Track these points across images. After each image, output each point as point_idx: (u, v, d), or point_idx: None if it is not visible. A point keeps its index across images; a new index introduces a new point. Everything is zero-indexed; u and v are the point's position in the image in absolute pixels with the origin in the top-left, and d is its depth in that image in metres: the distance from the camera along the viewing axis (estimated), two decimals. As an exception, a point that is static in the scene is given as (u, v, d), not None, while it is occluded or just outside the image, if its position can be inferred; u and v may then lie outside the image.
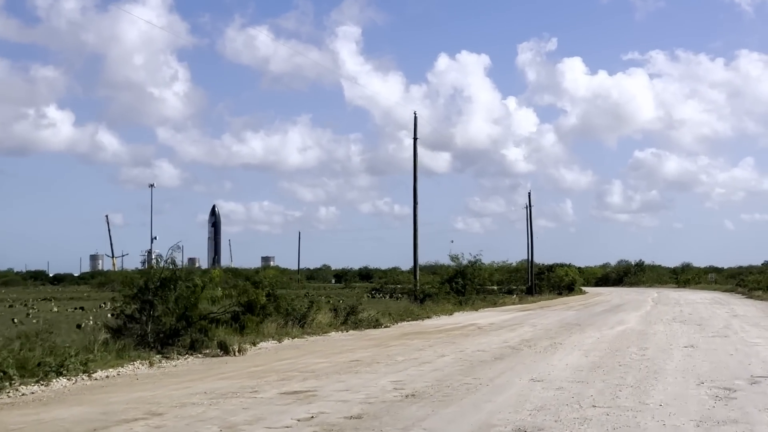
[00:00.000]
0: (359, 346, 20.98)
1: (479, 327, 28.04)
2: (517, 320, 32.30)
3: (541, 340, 21.98)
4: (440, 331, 26.07)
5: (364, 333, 26.03)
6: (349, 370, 15.44)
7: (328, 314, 28.09)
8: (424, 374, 14.58)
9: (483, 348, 19.69)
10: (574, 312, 39.51)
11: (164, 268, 19.83)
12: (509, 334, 24.61)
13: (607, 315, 36.06)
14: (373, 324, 28.55)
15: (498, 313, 39.00)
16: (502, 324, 29.76)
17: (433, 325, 29.60)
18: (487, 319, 33.18)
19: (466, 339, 22.67)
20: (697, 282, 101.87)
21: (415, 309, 38.54)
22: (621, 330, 26.20)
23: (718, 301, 54.20)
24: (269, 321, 24.65)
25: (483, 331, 25.82)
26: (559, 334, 24.52)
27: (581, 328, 26.90)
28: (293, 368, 15.86)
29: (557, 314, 37.21)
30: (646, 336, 23.71)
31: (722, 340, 22.56)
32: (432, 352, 18.86)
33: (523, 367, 15.59)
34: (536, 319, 32.67)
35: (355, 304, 29.13)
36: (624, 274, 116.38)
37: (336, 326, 27.37)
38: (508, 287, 77.92)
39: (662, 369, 15.52)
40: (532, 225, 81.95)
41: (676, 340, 22.39)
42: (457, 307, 43.89)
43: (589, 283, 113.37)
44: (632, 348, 19.83)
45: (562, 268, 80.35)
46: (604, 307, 45.10)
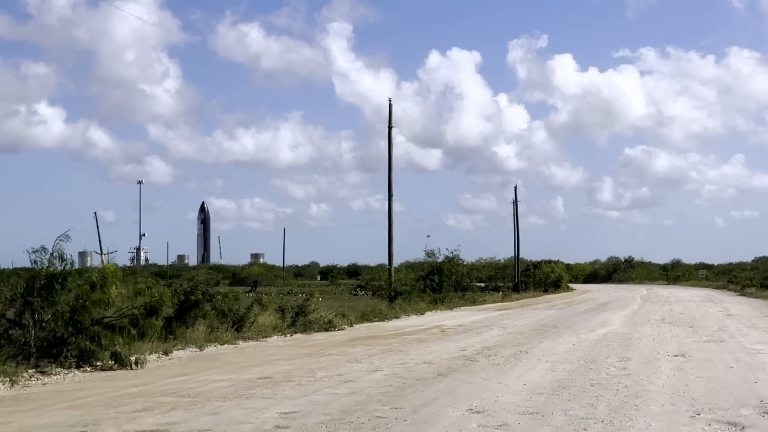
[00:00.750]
0: (288, 355, 17.38)
1: (443, 330, 24.47)
2: (489, 321, 28.74)
3: (505, 348, 18.41)
4: (396, 335, 22.49)
5: (308, 338, 22.43)
6: (243, 393, 11.84)
7: (273, 316, 24.50)
8: (333, 401, 10.98)
9: (431, 359, 16.10)
10: (555, 311, 35.96)
11: (47, 266, 16.24)
12: (472, 339, 21.04)
13: (590, 315, 32.52)
14: (324, 326, 24.98)
15: (472, 313, 35.45)
16: (471, 326, 26.20)
17: (394, 328, 26.02)
18: (458, 320, 29.62)
19: (419, 346, 19.08)
20: (687, 279, 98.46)
21: (384, 308, 34.98)
22: (602, 334, 22.65)
23: (710, 299, 50.73)
24: (199, 324, 21.12)
25: (444, 336, 22.24)
26: (530, 339, 20.96)
27: (557, 332, 23.35)
28: (177, 390, 12.26)
29: (536, 314, 33.67)
30: (630, 342, 20.17)
31: (718, 347, 19.04)
32: (367, 365, 15.26)
33: (467, 389, 11.99)
34: (511, 320, 29.12)
35: (304, 304, 25.51)
36: (613, 271, 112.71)
37: (281, 329, 23.80)
38: (494, 284, 74.72)
39: (645, 391, 11.96)
40: (518, 221, 78.55)
41: (665, 347, 18.86)
42: (432, 306, 40.35)
43: (578, 279, 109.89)
44: (611, 358, 16.27)
45: (548, 265, 76.83)
46: (589, 306, 41.57)
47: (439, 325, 26.55)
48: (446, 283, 45.23)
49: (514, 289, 70.06)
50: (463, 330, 24.43)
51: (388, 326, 27.02)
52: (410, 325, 27.42)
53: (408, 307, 37.67)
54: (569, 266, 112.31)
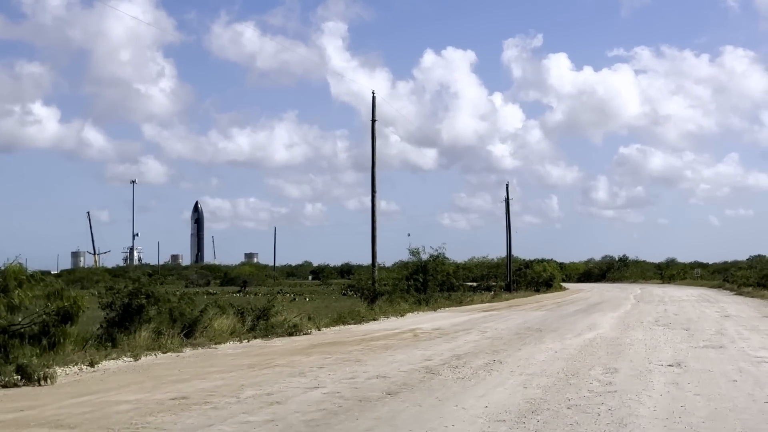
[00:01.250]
0: (229, 366, 15.06)
1: (416, 334, 22.17)
2: (469, 324, 26.43)
3: (477, 357, 16.11)
4: (362, 341, 20.18)
5: (266, 344, 20.11)
6: (138, 421, 9.52)
7: (231, 319, 22.19)
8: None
9: (388, 371, 13.80)
10: (543, 312, 33.68)
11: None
12: (444, 345, 18.73)
13: (579, 316, 30.24)
14: (289, 331, 22.69)
15: (455, 315, 33.15)
16: (448, 329, 23.92)
17: (365, 332, 23.72)
18: (437, 323, 27.33)
19: (381, 355, 16.76)
20: (682, 277, 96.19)
21: (363, 310, 32.70)
22: (589, 339, 20.37)
23: (706, 299, 48.46)
24: (143, 330, 18.83)
25: (414, 341, 19.95)
26: (509, 345, 18.67)
27: (540, 336, 21.07)
28: (62, 416, 9.96)
29: (522, 315, 31.39)
30: (620, 348, 17.89)
31: (718, 354, 16.78)
32: (310, 380, 12.95)
33: (413, 416, 9.68)
34: (493, 323, 26.82)
35: (267, 307, 23.17)
36: (607, 270, 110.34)
37: (240, 334, 21.52)
38: (486, 284, 72.49)
39: (633, 415, 9.68)
40: (510, 219, 76.31)
41: (658, 354, 16.59)
42: (415, 306, 38.07)
43: (571, 279, 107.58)
44: (596, 370, 13.99)
45: (540, 264, 74.53)
46: (579, 306, 39.30)
47: (414, 329, 24.27)
48: (431, 282, 42.94)
49: (506, 289, 67.91)
50: (439, 334, 22.13)
51: (360, 330, 24.72)
52: (384, 328, 25.12)
53: (389, 308, 35.41)
54: (562, 265, 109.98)
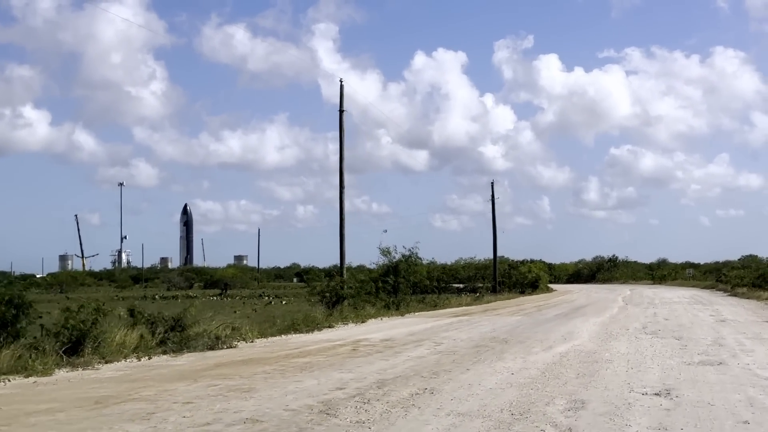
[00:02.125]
0: (70, 401, 11.13)
1: (356, 348, 18.26)
2: (429, 333, 22.56)
3: (408, 383, 12.23)
4: (285, 358, 16.25)
5: (167, 362, 16.18)
6: None
7: (137, 332, 18.29)
8: None
9: (271, 409, 9.88)
10: (519, 318, 29.82)
11: None
12: (376, 365, 14.82)
13: (557, 323, 26.39)
14: (209, 344, 18.81)
15: (422, 321, 29.27)
16: (400, 340, 20.05)
17: (300, 344, 19.81)
18: (394, 331, 23.47)
19: (287, 380, 12.80)
20: (673, 278, 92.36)
21: (319, 316, 28.84)
22: (561, 353, 16.51)
23: (699, 300, 44.65)
24: (6, 348, 14.99)
25: (346, 358, 16.03)
26: (458, 363, 14.79)
27: (502, 350, 17.19)
28: None
29: (494, 322, 27.52)
30: (596, 367, 14.04)
31: (718, 375, 12.99)
32: (145, 428, 9.09)
33: None
34: (456, 331, 22.95)
35: (181, 316, 19.26)
36: (597, 271, 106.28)
37: (148, 348, 17.70)
38: (472, 285, 68.91)
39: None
40: (496, 219, 72.47)
41: (642, 377, 12.77)
42: (383, 311, 34.22)
43: (560, 280, 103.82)
44: (556, 404, 10.13)
45: (525, 265, 70.68)
46: (562, 310, 35.44)
47: (360, 340, 20.40)
48: (403, 285, 39.04)
49: (492, 291, 64.25)
50: (384, 347, 18.26)
51: (298, 341, 20.82)
52: (328, 339, 21.22)
53: (351, 314, 31.55)
54: (551, 266, 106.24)
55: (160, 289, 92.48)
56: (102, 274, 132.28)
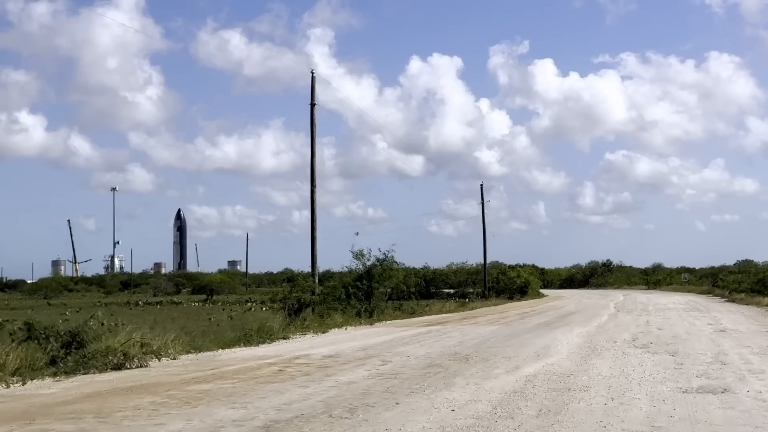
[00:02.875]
0: None
1: (285, 368, 14.85)
2: (384, 347, 19.20)
3: (308, 425, 8.91)
4: (179, 385, 12.78)
5: (38, 391, 12.86)
6: None
7: (22, 350, 14.95)
8: None
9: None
10: (495, 328, 26.44)
11: None
12: (290, 394, 11.42)
13: (537, 333, 23.04)
14: (116, 363, 15.45)
15: (388, 331, 25.93)
16: (345, 357, 16.69)
17: (231, 361, 16.46)
18: (347, 344, 20.14)
19: (138, 422, 9.52)
20: (668, 283, 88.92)
21: (276, 325, 25.50)
22: (528, 375, 13.16)
23: (696, 307, 41.30)
24: None
25: (258, 384, 12.61)
26: (393, 392, 11.41)
27: (457, 371, 13.83)
28: None
29: (465, 333, 24.16)
30: (566, 398, 10.70)
31: (723, 407, 9.71)
32: None
33: None
34: (415, 346, 19.58)
35: (79, 329, 15.89)
36: (590, 275, 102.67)
37: (34, 371, 14.40)
38: (463, 291, 65.79)
39: None
40: (485, 222, 69.17)
41: (624, 415, 9.44)
42: (353, 319, 30.89)
43: (553, 285, 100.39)
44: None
45: (514, 270, 67.32)
46: (546, 318, 32.08)
47: (299, 356, 17.05)
48: (377, 290, 35.65)
49: (483, 296, 61.09)
50: (318, 368, 14.90)
51: (230, 357, 17.47)
52: (263, 355, 17.86)
53: (315, 322, 28.26)
54: (544, 271, 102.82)
55: (146, 295, 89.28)
56: (93, 280, 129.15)
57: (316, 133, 36.12)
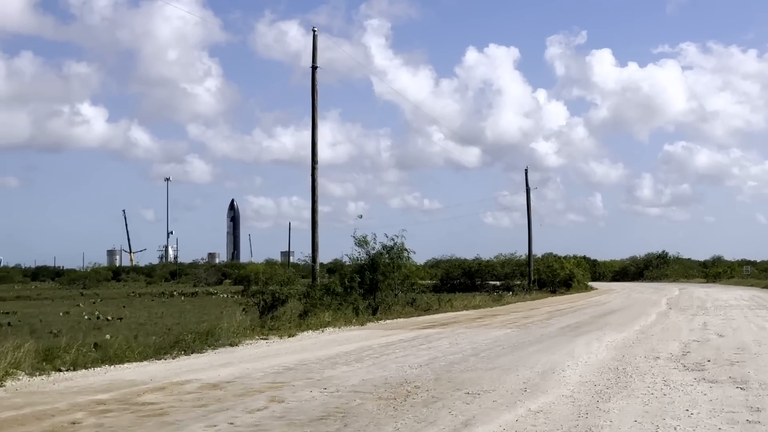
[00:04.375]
0: None
1: (133, 403, 8.97)
2: (307, 369, 13.04)
3: None
4: None
5: None
6: None
7: None
8: None
9: None
10: (504, 332, 19.98)
11: None
12: None
13: (551, 343, 16.61)
14: None
15: (365, 336, 19.80)
16: (238, 387, 10.67)
17: (64, 389, 10.63)
18: (270, 362, 14.07)
19: None
20: (729, 276, 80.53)
21: (235, 325, 19.75)
22: None
23: (762, 304, 34.13)
24: None
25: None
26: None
27: (358, 430, 7.74)
28: None
29: (457, 341, 17.84)
30: None
31: None
32: None
33: None
34: (359, 366, 13.34)
35: None
36: (645, 268, 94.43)
37: None
38: (508, 283, 59.35)
39: None
40: (530, 210, 62.42)
41: None
42: (345, 317, 24.84)
43: (605, 277, 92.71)
44: None
45: (558, 261, 60.37)
46: (578, 318, 25.50)
47: (170, 384, 11.08)
48: (383, 284, 29.45)
49: (527, 289, 54.72)
50: (154, 412, 8.91)
51: (73, 384, 11.59)
52: (139, 380, 11.93)
53: (291, 322, 22.38)
54: (596, 263, 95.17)
55: (187, 285, 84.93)
56: (143, 269, 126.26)
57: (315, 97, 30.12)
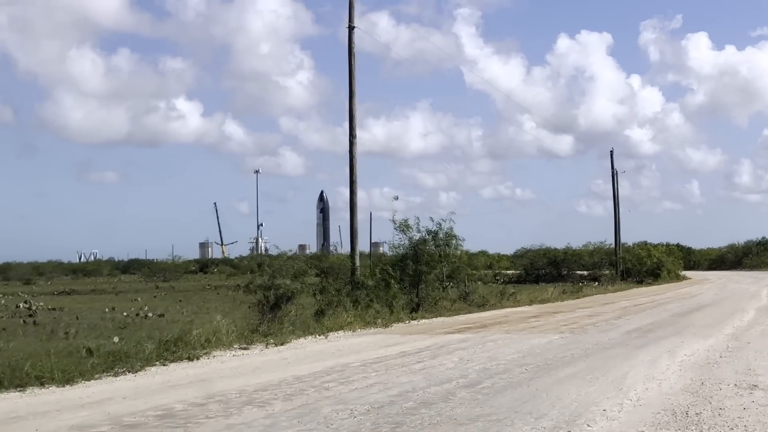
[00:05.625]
0: None
1: None
2: (194, 414, 9.06)
3: None
4: None
5: None
6: None
7: None
8: None
9: None
10: (550, 340, 15.43)
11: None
12: None
13: (603, 358, 12.07)
14: None
15: (379, 343, 15.69)
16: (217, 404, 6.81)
17: None
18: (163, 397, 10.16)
19: None
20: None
21: (222, 331, 16.08)
22: None
23: None
24: None
25: None
26: None
27: None
28: None
29: (481, 353, 13.47)
30: None
31: None
32: None
33: None
34: (323, 395, 9.28)
35: None
36: (743, 256, 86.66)
37: None
38: (595, 273, 54.43)
39: None
40: (617, 195, 56.86)
41: None
42: (374, 316, 20.79)
43: (700, 266, 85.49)
44: None
45: (644, 249, 54.58)
46: (654, 318, 20.62)
47: None
48: (428, 276, 25.17)
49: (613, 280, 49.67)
50: None
51: None
52: None
53: (295, 325, 18.41)
54: (691, 251, 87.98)
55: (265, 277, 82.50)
56: (233, 262, 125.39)
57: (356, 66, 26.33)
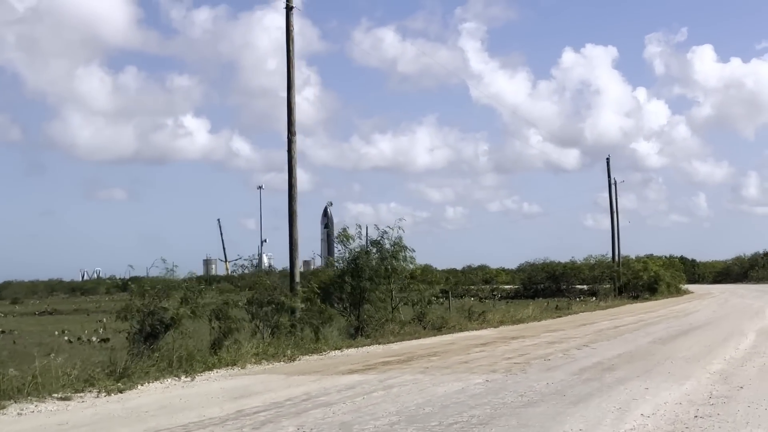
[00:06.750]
0: None
1: None
2: None
3: None
4: None
5: None
6: None
7: None
8: None
9: None
10: (482, 384, 11.42)
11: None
12: None
13: (540, 416, 8.08)
14: None
15: (232, 395, 11.66)
16: None
17: None
18: None
19: None
20: None
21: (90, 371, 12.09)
22: None
23: None
24: None
25: None
26: None
27: None
28: None
29: (420, 390, 9.43)
30: None
31: None
32: None
33: None
34: None
35: None
36: (750, 268, 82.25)
37: None
38: (594, 287, 50.85)
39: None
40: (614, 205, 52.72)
41: None
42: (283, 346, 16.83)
43: (705, 279, 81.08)
44: None
45: (640, 262, 50.36)
46: (638, 342, 16.48)
47: None
48: (372, 294, 21.15)
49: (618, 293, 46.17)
50: None
51: None
52: None
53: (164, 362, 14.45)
54: (695, 263, 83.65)
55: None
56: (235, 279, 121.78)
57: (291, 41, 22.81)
